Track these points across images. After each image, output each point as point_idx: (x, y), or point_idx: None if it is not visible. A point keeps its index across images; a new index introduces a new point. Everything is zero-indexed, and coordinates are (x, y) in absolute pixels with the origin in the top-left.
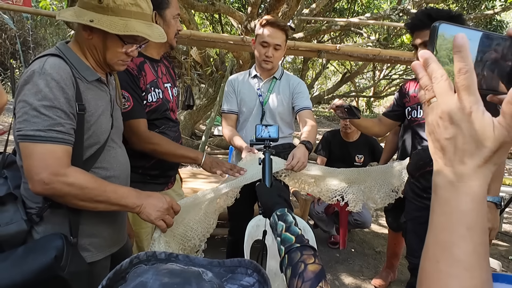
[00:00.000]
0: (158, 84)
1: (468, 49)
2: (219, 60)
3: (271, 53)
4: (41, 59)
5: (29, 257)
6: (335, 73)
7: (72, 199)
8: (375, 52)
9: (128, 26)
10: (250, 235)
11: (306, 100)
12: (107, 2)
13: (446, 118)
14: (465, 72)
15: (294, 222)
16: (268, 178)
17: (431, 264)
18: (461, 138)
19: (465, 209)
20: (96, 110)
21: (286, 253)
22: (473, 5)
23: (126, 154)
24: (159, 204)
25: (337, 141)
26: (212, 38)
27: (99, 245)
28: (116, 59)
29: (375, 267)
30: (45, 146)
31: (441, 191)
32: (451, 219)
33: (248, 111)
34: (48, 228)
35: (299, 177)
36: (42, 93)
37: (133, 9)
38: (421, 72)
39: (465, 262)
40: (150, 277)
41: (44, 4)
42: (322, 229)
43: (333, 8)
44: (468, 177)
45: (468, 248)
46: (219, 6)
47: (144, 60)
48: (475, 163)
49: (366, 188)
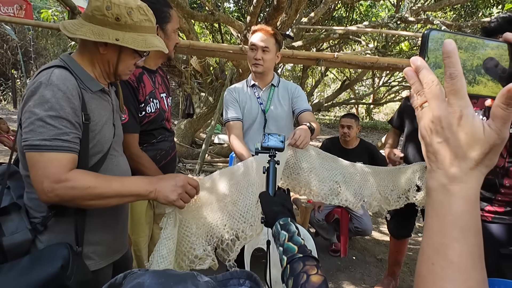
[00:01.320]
0: (155, 95)
1: (457, 54)
2: (219, 68)
3: (260, 56)
4: (48, 70)
5: (35, 267)
6: (335, 81)
7: (80, 201)
8: (373, 60)
9: (147, 42)
10: (250, 244)
11: (306, 102)
12: (125, 20)
13: (437, 122)
14: (454, 76)
15: (297, 232)
16: (272, 187)
17: (426, 266)
18: (452, 142)
19: (458, 211)
20: (100, 119)
21: (288, 263)
22: (471, 12)
23: (127, 162)
24: (174, 184)
25: (336, 149)
26: (211, 47)
27: (102, 253)
28: (127, 70)
29: (377, 275)
30: (50, 154)
31: (434, 194)
32: (444, 221)
33: (250, 119)
34: (52, 237)
35: (305, 179)
36: (49, 104)
37: (147, 24)
38: (413, 78)
39: (459, 264)
40: (146, 278)
41: (45, 16)
42: (323, 236)
43: (331, 16)
44: (460, 179)
45: (462, 250)
46: (219, 15)
47: (143, 71)
48: (467, 166)
49: (380, 187)
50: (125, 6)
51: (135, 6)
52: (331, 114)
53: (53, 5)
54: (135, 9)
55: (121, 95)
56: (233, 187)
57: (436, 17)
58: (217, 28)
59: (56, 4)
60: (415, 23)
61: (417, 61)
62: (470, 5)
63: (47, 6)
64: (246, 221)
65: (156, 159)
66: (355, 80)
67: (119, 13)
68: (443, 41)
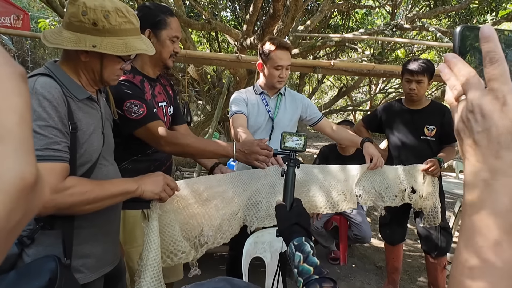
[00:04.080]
0: (153, 104)
1: (497, 38)
2: (216, 77)
3: (284, 74)
4: (31, 79)
5: (22, 282)
6: (332, 88)
7: (78, 206)
8: (369, 67)
9: (128, 46)
10: (248, 253)
11: (317, 110)
12: (103, 24)
13: (477, 111)
14: (495, 61)
15: (312, 252)
16: (289, 196)
17: (463, 271)
18: (495, 130)
19: (502, 209)
20: (88, 128)
21: (304, 285)
22: (465, 19)
23: (118, 171)
24: (156, 179)
25: (334, 156)
26: (207, 56)
27: (92, 266)
28: (113, 76)
29: (377, 282)
30: (43, 165)
31: (474, 190)
32: (486, 221)
33: (257, 125)
34: (40, 250)
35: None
36: (36, 113)
37: (127, 26)
38: (448, 73)
39: (502, 270)
40: None
41: (43, 25)
42: (322, 244)
43: (328, 24)
44: (505, 173)
45: (506, 254)
46: (216, 24)
47: (143, 79)
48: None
49: (375, 184)
50: (101, 10)
51: (112, 9)
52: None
53: (50, 14)
54: (113, 12)
55: (112, 100)
56: (219, 195)
57: (431, 24)
58: (214, 37)
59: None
60: (411, 30)
61: (451, 57)
62: (464, 12)
63: (44, 16)
64: (218, 230)
65: (150, 169)
66: (352, 87)
67: (96, 18)
68: (476, 34)
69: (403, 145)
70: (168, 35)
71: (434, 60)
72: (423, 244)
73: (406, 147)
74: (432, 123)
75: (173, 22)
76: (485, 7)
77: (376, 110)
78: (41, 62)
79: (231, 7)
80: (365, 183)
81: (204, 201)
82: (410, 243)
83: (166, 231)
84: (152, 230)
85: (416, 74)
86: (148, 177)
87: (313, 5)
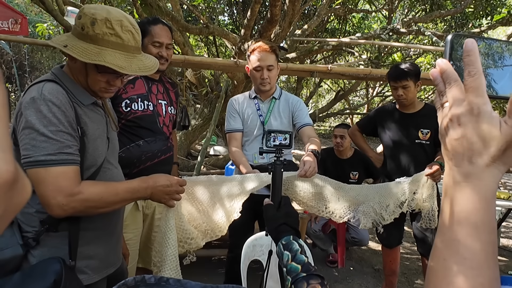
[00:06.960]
0: (149, 98)
1: (477, 53)
2: (214, 80)
3: (266, 75)
4: (38, 85)
5: (27, 283)
6: (329, 91)
7: (93, 210)
8: (366, 72)
9: (99, 55)
10: (247, 255)
11: (307, 116)
12: (87, 30)
13: (455, 120)
14: (473, 74)
15: (300, 250)
16: (277, 194)
17: (438, 262)
18: (469, 138)
19: (472, 208)
20: (93, 133)
21: (292, 284)
22: (461, 23)
23: (122, 175)
24: (168, 190)
25: (331, 159)
26: (206, 62)
27: (95, 267)
28: (98, 87)
29: (375, 285)
30: (57, 169)
31: (449, 190)
32: (458, 218)
33: (249, 131)
34: (45, 251)
35: (306, 195)
36: (47, 119)
37: (112, 39)
38: (437, 79)
39: (472, 261)
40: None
41: (41, 29)
42: (320, 247)
43: (325, 28)
44: (476, 176)
45: (475, 246)
46: (213, 28)
47: (139, 77)
48: (483, 162)
49: (375, 205)
50: (91, 17)
51: (101, 18)
52: (326, 125)
53: (48, 19)
54: (100, 21)
55: (110, 111)
56: (217, 195)
57: (427, 28)
58: (212, 41)
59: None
60: (407, 34)
61: (442, 63)
62: (460, 17)
63: (42, 20)
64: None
65: (141, 159)
66: (349, 91)
67: (84, 23)
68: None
69: (398, 149)
70: (149, 40)
71: (430, 64)
72: (419, 247)
73: (401, 151)
74: (426, 126)
75: (154, 29)
76: (480, 11)
77: (370, 114)
78: (38, 66)
79: (229, 12)
80: (364, 208)
81: (208, 194)
82: (408, 246)
83: (176, 223)
84: (169, 229)
85: (399, 80)
86: (162, 185)
87: (310, 9)
